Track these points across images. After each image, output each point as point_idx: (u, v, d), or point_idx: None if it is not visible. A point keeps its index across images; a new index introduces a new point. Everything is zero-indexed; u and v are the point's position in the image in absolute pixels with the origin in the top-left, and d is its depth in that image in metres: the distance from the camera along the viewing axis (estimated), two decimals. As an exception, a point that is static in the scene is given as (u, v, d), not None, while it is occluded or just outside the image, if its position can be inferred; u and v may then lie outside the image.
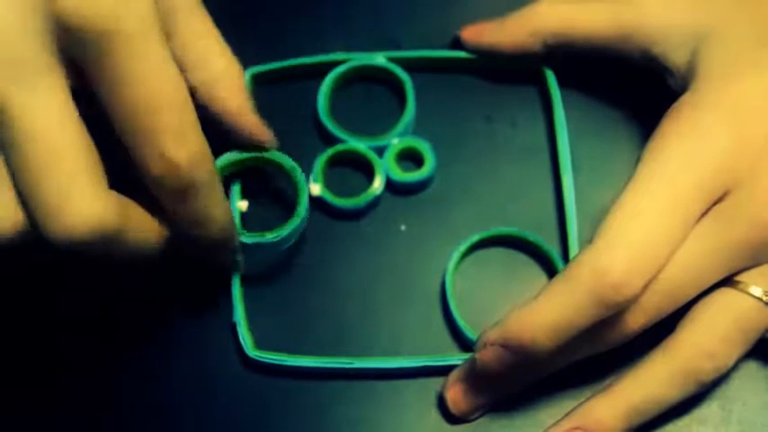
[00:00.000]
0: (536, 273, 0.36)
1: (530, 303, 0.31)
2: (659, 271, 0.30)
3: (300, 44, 0.40)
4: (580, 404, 0.32)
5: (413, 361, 0.34)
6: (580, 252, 0.31)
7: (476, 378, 0.33)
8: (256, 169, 0.37)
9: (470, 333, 0.35)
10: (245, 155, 0.35)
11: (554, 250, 0.36)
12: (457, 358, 0.34)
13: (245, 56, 0.40)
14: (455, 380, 0.33)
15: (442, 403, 0.34)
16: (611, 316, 0.30)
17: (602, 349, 0.32)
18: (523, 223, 0.37)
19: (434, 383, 0.34)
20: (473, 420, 0.34)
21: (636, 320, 0.31)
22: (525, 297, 0.36)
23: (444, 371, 0.34)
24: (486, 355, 0.31)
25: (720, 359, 0.31)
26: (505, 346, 0.31)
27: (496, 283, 0.36)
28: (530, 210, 0.37)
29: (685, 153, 0.31)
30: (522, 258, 0.37)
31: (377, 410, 0.34)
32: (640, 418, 0.32)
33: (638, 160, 0.32)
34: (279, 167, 0.36)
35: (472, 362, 0.33)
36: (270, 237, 0.34)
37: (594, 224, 0.31)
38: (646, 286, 0.30)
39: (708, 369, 0.31)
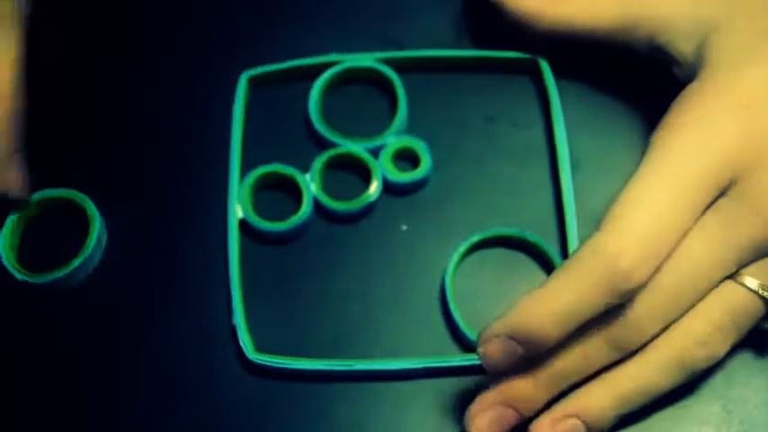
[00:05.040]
0: (536, 273, 0.36)
1: (536, 292, 0.30)
2: (666, 257, 0.30)
3: (301, 45, 0.40)
4: (573, 392, 0.32)
5: (413, 362, 0.34)
6: (588, 239, 0.30)
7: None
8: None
9: (470, 333, 0.34)
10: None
11: (554, 250, 0.36)
12: (457, 359, 0.34)
13: (241, 58, 0.40)
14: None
15: (442, 404, 0.34)
16: (620, 322, 0.30)
17: (615, 358, 0.31)
18: (523, 222, 0.37)
19: (435, 384, 0.34)
20: None
21: (651, 325, 0.30)
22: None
23: (444, 372, 0.34)
24: (491, 349, 0.30)
25: (713, 347, 0.31)
26: (512, 336, 0.30)
27: (496, 283, 0.36)
28: (529, 209, 0.37)
29: (693, 141, 0.31)
30: (522, 258, 0.37)
31: (377, 412, 0.34)
32: (632, 406, 0.31)
33: (645, 148, 0.32)
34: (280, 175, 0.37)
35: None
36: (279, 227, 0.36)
37: (594, 222, 0.31)
38: (656, 270, 0.29)
39: (701, 357, 0.31)
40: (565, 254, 0.36)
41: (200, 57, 0.41)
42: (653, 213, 0.29)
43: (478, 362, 0.34)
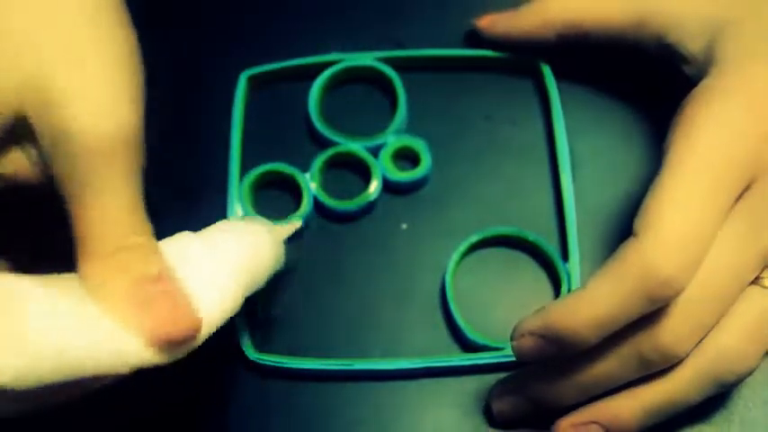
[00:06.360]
0: (536, 272, 0.36)
1: (573, 295, 0.30)
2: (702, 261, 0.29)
3: (301, 44, 0.40)
4: (600, 400, 0.32)
5: (413, 362, 0.34)
6: (626, 245, 0.29)
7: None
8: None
9: (470, 333, 0.34)
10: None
11: (554, 249, 0.36)
12: (457, 359, 0.34)
13: (241, 58, 0.40)
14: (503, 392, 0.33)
15: (442, 404, 0.34)
16: (656, 332, 0.29)
17: (646, 372, 0.31)
18: (523, 222, 0.37)
19: (434, 384, 0.34)
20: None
21: (688, 335, 0.29)
22: (525, 297, 0.36)
23: (444, 372, 0.34)
24: (524, 344, 0.30)
25: (746, 359, 0.30)
26: (545, 336, 0.30)
27: (496, 282, 0.36)
28: (529, 208, 0.37)
29: (714, 140, 0.30)
30: (522, 258, 0.37)
31: (377, 412, 0.34)
32: (658, 419, 0.31)
33: (665, 148, 0.31)
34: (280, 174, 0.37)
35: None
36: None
37: (595, 221, 0.31)
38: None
39: (734, 370, 0.30)
40: (565, 253, 0.36)
41: (200, 57, 0.41)
42: (689, 217, 0.29)
43: (478, 362, 0.34)
